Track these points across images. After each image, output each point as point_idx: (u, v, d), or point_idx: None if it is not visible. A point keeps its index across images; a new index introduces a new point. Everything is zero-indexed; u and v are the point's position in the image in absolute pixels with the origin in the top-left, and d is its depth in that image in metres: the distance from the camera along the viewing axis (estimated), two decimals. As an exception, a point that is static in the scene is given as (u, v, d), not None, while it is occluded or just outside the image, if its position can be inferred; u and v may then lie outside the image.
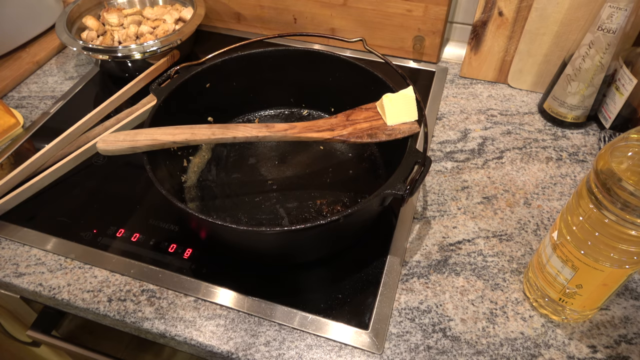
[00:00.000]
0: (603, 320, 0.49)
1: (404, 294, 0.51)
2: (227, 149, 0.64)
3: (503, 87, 0.76)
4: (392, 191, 0.44)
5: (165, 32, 0.78)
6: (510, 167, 0.63)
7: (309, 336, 0.48)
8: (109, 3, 0.84)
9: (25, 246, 0.56)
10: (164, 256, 0.54)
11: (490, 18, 0.71)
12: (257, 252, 0.53)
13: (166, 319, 0.49)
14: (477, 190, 0.61)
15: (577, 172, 0.63)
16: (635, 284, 0.51)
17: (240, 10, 0.86)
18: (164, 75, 0.58)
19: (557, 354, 0.46)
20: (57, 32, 0.74)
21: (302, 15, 0.82)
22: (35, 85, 0.79)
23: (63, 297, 0.51)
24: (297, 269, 0.53)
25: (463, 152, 0.66)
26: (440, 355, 0.46)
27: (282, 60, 0.64)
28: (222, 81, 0.63)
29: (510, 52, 0.73)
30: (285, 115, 0.69)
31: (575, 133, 0.68)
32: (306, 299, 0.50)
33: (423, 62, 0.80)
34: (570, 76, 0.64)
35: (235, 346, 0.47)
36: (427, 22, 0.75)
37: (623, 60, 0.62)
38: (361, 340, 0.47)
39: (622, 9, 0.55)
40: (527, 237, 0.56)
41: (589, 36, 0.59)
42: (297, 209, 0.57)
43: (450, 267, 0.53)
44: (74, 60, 0.84)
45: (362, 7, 0.77)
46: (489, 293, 0.51)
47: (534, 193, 0.60)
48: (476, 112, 0.71)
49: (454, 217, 0.58)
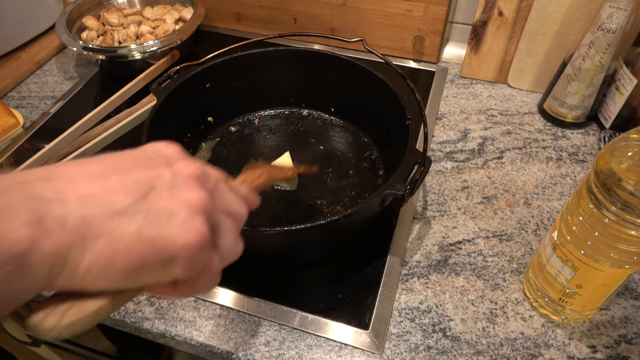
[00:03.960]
0: (603, 320, 0.49)
1: (404, 294, 0.51)
2: (227, 149, 0.65)
3: (503, 87, 0.76)
4: (392, 191, 0.44)
5: (165, 32, 0.78)
6: (510, 167, 0.63)
7: (309, 336, 0.48)
8: (109, 3, 0.84)
9: (25, 246, 0.56)
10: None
11: (490, 18, 0.71)
12: (257, 252, 0.53)
13: (166, 319, 0.49)
14: (477, 190, 0.61)
15: (577, 172, 0.63)
16: (635, 284, 0.51)
17: (240, 10, 0.86)
18: (164, 75, 0.58)
19: (557, 354, 0.46)
20: (57, 32, 0.74)
21: (302, 15, 0.82)
22: (35, 85, 0.79)
23: (63, 297, 0.51)
24: (297, 269, 0.53)
25: (463, 152, 0.66)
26: (440, 355, 0.46)
27: (282, 60, 0.64)
28: (222, 81, 0.63)
29: (510, 52, 0.73)
30: (285, 115, 0.69)
31: (575, 133, 0.68)
32: (306, 299, 0.50)
33: (423, 62, 0.80)
34: (570, 76, 0.64)
35: (235, 346, 0.47)
36: (427, 22, 0.75)
37: (623, 60, 0.62)
38: (361, 340, 0.47)
39: (622, 9, 0.55)
40: (527, 237, 0.56)
41: (589, 36, 0.59)
42: (297, 209, 0.57)
43: (450, 267, 0.53)
44: (74, 60, 0.84)
45: (362, 7, 0.77)
46: (489, 293, 0.51)
47: (534, 193, 0.60)
48: (476, 112, 0.71)
49: (454, 217, 0.58)
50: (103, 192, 0.23)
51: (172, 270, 0.24)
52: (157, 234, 0.23)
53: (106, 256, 0.22)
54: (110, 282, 0.23)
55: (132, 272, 0.23)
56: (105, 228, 0.22)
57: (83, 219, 0.21)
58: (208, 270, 0.26)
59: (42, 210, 0.20)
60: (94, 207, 0.22)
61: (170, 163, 0.26)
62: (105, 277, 0.22)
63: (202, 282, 0.27)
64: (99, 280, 0.22)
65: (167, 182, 0.25)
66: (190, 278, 0.25)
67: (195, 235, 0.24)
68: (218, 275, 0.28)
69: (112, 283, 0.23)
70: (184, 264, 0.24)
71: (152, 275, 0.24)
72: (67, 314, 0.22)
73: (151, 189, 0.24)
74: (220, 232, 0.27)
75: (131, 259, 0.22)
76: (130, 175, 0.24)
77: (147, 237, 0.23)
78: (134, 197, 0.23)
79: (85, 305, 0.23)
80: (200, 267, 0.26)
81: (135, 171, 0.24)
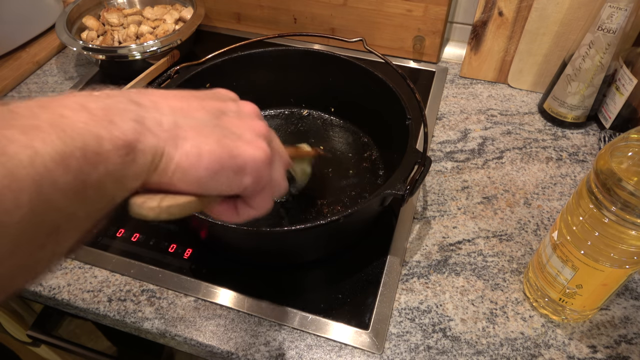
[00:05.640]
0: (603, 320, 0.49)
1: (404, 294, 0.51)
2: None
3: (503, 87, 0.76)
4: (392, 191, 0.44)
5: (165, 32, 0.78)
6: (510, 167, 0.63)
7: (309, 336, 0.48)
8: (109, 3, 0.84)
9: (25, 246, 0.56)
10: (164, 256, 0.54)
11: (490, 18, 0.71)
12: (257, 252, 0.53)
13: (166, 319, 0.49)
14: (477, 190, 0.61)
15: (577, 172, 0.63)
16: (635, 284, 0.51)
17: (240, 10, 0.86)
18: (164, 75, 0.58)
19: (557, 354, 0.46)
20: (57, 32, 0.74)
21: (302, 15, 0.82)
22: (35, 85, 0.79)
23: (63, 297, 0.51)
24: (297, 269, 0.53)
25: (463, 152, 0.66)
26: (440, 355, 0.46)
27: (282, 60, 0.64)
28: (222, 81, 0.63)
29: (510, 52, 0.73)
30: (285, 115, 0.69)
31: (575, 133, 0.68)
32: (306, 299, 0.50)
33: (423, 62, 0.80)
34: (570, 76, 0.64)
35: (235, 346, 0.47)
36: (427, 22, 0.75)
37: (623, 60, 0.62)
38: (361, 340, 0.47)
39: (622, 9, 0.55)
40: (527, 237, 0.56)
41: (589, 36, 0.59)
42: (297, 209, 0.57)
43: (450, 267, 0.53)
44: (74, 60, 0.84)
45: (362, 7, 0.77)
46: (489, 293, 0.51)
47: (534, 193, 0.60)
48: (476, 112, 0.71)
49: (454, 217, 0.58)
50: (187, 107, 0.27)
51: (242, 179, 0.28)
52: (232, 144, 0.27)
53: (193, 154, 0.25)
54: (193, 182, 0.26)
55: (212, 173, 0.26)
56: (191, 134, 0.26)
57: (175, 123, 0.26)
58: (267, 190, 0.30)
59: (142, 113, 0.25)
60: (182, 117, 0.26)
61: (234, 100, 0.32)
62: (191, 174, 0.26)
63: (260, 202, 0.31)
64: (185, 178, 0.26)
65: (234, 111, 0.30)
66: (254, 192, 0.29)
67: (261, 151, 0.28)
68: (272, 201, 0.32)
69: (194, 183, 0.26)
70: (252, 174, 0.28)
71: (227, 181, 0.27)
72: (164, 199, 0.26)
73: (223, 113, 0.29)
74: (274, 164, 0.31)
75: (212, 161, 0.26)
76: (205, 102, 0.29)
77: (225, 145, 0.27)
78: (211, 116, 0.28)
79: (176, 197, 0.26)
80: (263, 182, 0.29)
81: (208, 100, 0.30)
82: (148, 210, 0.26)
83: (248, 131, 0.29)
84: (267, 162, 0.29)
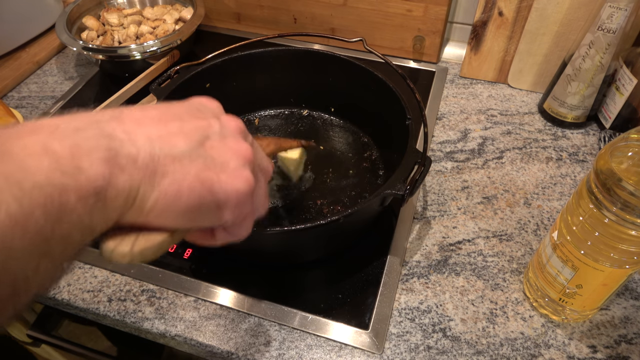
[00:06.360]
0: (603, 320, 0.49)
1: (404, 294, 0.51)
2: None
3: (503, 87, 0.76)
4: (392, 191, 0.44)
5: (165, 32, 0.78)
6: (510, 167, 0.63)
7: (309, 336, 0.48)
8: (109, 3, 0.84)
9: (25, 246, 0.56)
10: (164, 256, 0.54)
11: (490, 18, 0.71)
12: (258, 252, 0.53)
13: (166, 319, 0.49)
14: (477, 190, 0.61)
15: (577, 172, 0.63)
16: (635, 284, 0.51)
17: (240, 10, 0.86)
18: (164, 75, 0.58)
19: (557, 354, 0.46)
20: (57, 32, 0.74)
21: (302, 15, 0.82)
22: (35, 85, 0.79)
23: (63, 297, 0.51)
24: (297, 269, 0.53)
25: (463, 152, 0.66)
26: (440, 355, 0.46)
27: (282, 60, 0.64)
28: (222, 81, 0.63)
29: (510, 52, 0.73)
30: (285, 115, 0.69)
31: (575, 133, 0.68)
32: (306, 299, 0.50)
33: (423, 62, 0.80)
34: (570, 76, 0.64)
35: (235, 346, 0.47)
36: (427, 22, 0.75)
37: (623, 60, 0.62)
38: (361, 340, 0.47)
39: (622, 9, 0.55)
40: (527, 237, 0.56)
41: (589, 36, 0.59)
42: (297, 209, 0.57)
43: (450, 267, 0.53)
44: (74, 60, 0.84)
45: (362, 7, 0.77)
46: (489, 293, 0.51)
47: (534, 193, 0.60)
48: (476, 112, 0.71)
49: (454, 217, 0.58)
50: (166, 134, 0.25)
51: (222, 214, 0.26)
52: (215, 177, 0.25)
53: (171, 193, 0.24)
54: (170, 219, 0.25)
55: (191, 210, 0.25)
56: (170, 168, 0.24)
57: (152, 157, 0.23)
58: (248, 219, 0.29)
59: (115, 147, 0.22)
60: (160, 147, 0.24)
61: (217, 115, 0.29)
62: (168, 213, 0.24)
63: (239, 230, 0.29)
64: (162, 216, 0.24)
65: (217, 132, 0.27)
66: (234, 224, 0.28)
67: (245, 182, 0.27)
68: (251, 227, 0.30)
69: (172, 220, 0.25)
70: (233, 208, 0.27)
71: (206, 217, 0.26)
72: (137, 242, 0.24)
73: (206, 137, 0.26)
74: (257, 189, 0.29)
75: (191, 198, 0.24)
76: (186, 123, 0.26)
77: (206, 179, 0.25)
78: (193, 143, 0.25)
79: (150, 237, 0.25)
80: (244, 213, 0.28)
81: (189, 119, 0.27)
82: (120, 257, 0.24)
83: (232, 159, 0.27)
84: (249, 193, 0.27)
